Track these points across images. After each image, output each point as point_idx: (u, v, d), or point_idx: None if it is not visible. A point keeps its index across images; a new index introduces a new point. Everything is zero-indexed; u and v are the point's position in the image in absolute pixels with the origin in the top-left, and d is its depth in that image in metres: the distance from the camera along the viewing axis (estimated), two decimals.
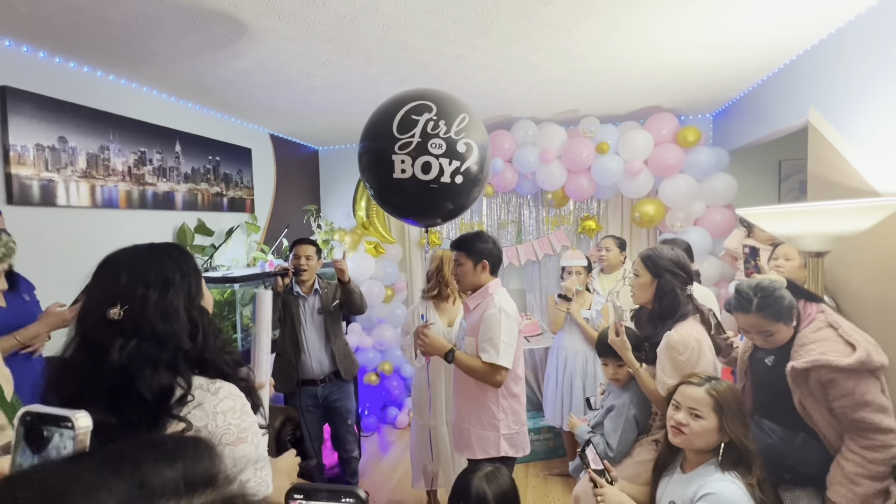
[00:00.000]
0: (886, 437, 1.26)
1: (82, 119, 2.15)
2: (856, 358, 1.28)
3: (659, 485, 1.38)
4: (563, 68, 2.40)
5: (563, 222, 3.73)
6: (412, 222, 1.91)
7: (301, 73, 2.36)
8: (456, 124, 1.65)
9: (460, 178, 1.66)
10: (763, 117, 2.75)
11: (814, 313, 1.44)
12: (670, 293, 1.60)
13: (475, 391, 1.81)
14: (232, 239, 3.06)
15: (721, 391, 1.25)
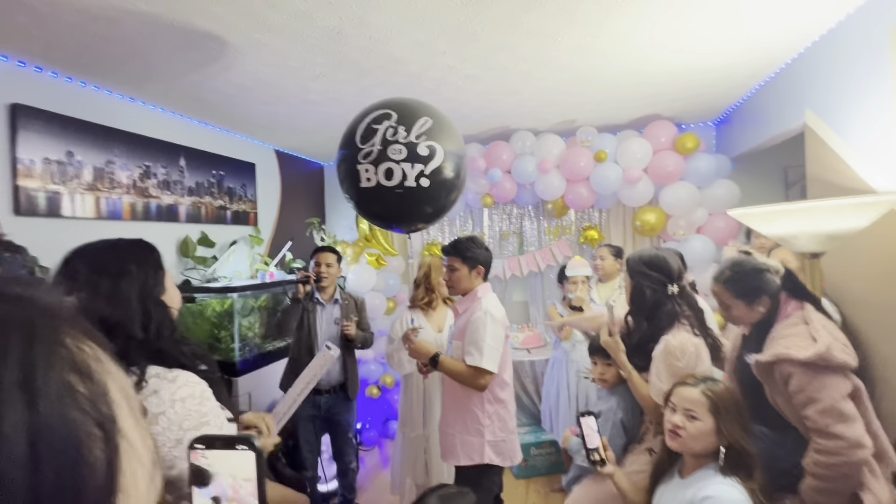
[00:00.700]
0: (831, 444, 1.20)
1: (89, 134, 2.25)
2: (814, 351, 1.23)
3: (656, 492, 1.32)
4: (553, 77, 2.42)
5: (565, 232, 3.70)
6: (397, 230, 1.93)
7: (297, 88, 2.44)
8: (416, 128, 1.70)
9: (426, 180, 1.69)
10: (762, 123, 2.72)
11: (791, 310, 1.39)
12: (639, 293, 1.59)
13: (461, 396, 1.80)
14: (235, 252, 3.12)
15: (717, 392, 1.21)
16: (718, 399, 1.20)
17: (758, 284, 1.44)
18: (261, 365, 2.80)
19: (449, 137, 1.79)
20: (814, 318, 1.34)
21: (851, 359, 1.27)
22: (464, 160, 1.87)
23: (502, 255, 3.84)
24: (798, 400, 1.26)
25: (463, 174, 1.85)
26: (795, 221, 1.56)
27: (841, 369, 1.25)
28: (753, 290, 1.44)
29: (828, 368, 1.24)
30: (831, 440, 1.20)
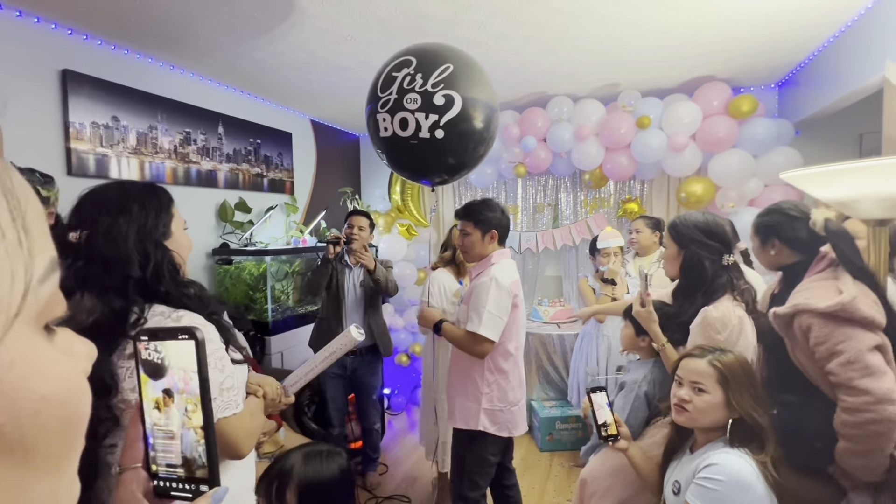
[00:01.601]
0: (857, 400, 1.10)
1: (133, 100, 2.36)
2: (837, 301, 1.14)
3: (668, 469, 1.26)
4: (592, 33, 2.26)
5: (603, 205, 3.53)
6: (424, 182, 1.90)
7: (326, 52, 2.43)
8: (434, 76, 1.59)
9: (441, 132, 1.60)
10: (833, 80, 2.42)
11: (823, 266, 1.27)
12: (697, 265, 1.45)
13: (465, 361, 1.80)
14: (271, 218, 3.22)
15: (726, 362, 1.12)
16: (727, 369, 1.12)
17: (773, 225, 1.40)
18: (293, 326, 2.91)
19: (473, 84, 1.66)
20: (845, 277, 1.22)
21: (880, 315, 1.15)
22: (493, 111, 1.74)
23: (536, 228, 3.73)
24: (820, 354, 1.16)
25: (491, 126, 1.73)
26: (858, 183, 1.37)
27: (866, 324, 1.14)
28: (767, 229, 1.42)
29: (851, 321, 1.14)
30: (857, 395, 1.10)
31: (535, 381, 3.19)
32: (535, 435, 3.05)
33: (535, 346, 3.18)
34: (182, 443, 0.43)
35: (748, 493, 1.00)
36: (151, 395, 0.44)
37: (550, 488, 2.56)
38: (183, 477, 0.44)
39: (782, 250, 1.40)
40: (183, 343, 0.43)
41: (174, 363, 0.44)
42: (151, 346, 0.44)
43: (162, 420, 0.44)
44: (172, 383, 0.44)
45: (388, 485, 2.64)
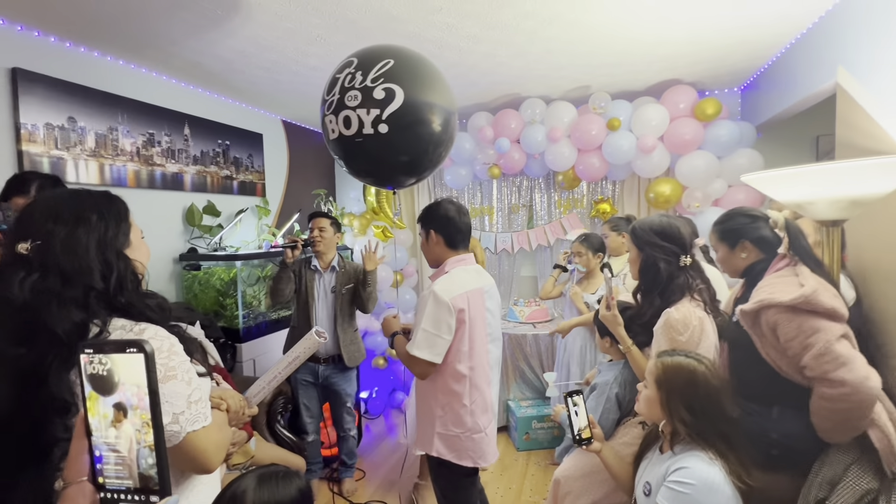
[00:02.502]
0: (834, 392, 1.13)
1: (91, 101, 2.26)
2: (800, 293, 1.18)
3: (639, 469, 1.29)
4: (561, 37, 2.28)
5: (576, 205, 3.58)
6: (388, 187, 1.86)
7: (295, 52, 2.38)
8: (374, 72, 1.54)
9: (384, 126, 1.54)
10: (791, 85, 2.52)
11: (783, 265, 1.32)
12: (652, 267, 1.49)
13: (421, 382, 1.64)
14: (242, 222, 3.14)
15: (666, 364, 1.18)
16: (665, 371, 1.17)
17: (738, 228, 1.45)
18: (266, 332, 2.85)
19: (417, 79, 1.58)
20: (804, 272, 1.27)
21: (842, 306, 1.20)
22: (441, 106, 1.64)
23: (511, 228, 3.76)
24: (793, 350, 1.20)
25: (441, 120, 1.64)
26: (813, 185, 1.43)
27: (830, 314, 1.18)
28: (734, 233, 1.45)
29: (815, 313, 1.18)
30: (834, 387, 1.14)
31: (511, 380, 3.22)
32: (513, 435, 3.08)
33: (511, 347, 3.20)
34: (134, 456, 0.43)
35: (717, 496, 1.04)
36: (101, 409, 0.43)
37: (527, 487, 2.58)
38: (132, 488, 0.44)
39: (752, 251, 1.44)
40: (132, 357, 0.43)
41: (125, 378, 0.43)
42: (96, 358, 0.43)
43: (112, 435, 0.43)
44: (125, 398, 0.43)
45: (366, 491, 2.61)
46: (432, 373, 1.56)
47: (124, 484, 0.44)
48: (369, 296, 2.46)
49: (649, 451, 1.30)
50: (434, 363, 1.51)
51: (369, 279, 2.42)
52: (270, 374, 1.44)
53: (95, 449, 0.44)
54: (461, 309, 1.53)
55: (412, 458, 2.49)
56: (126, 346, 0.43)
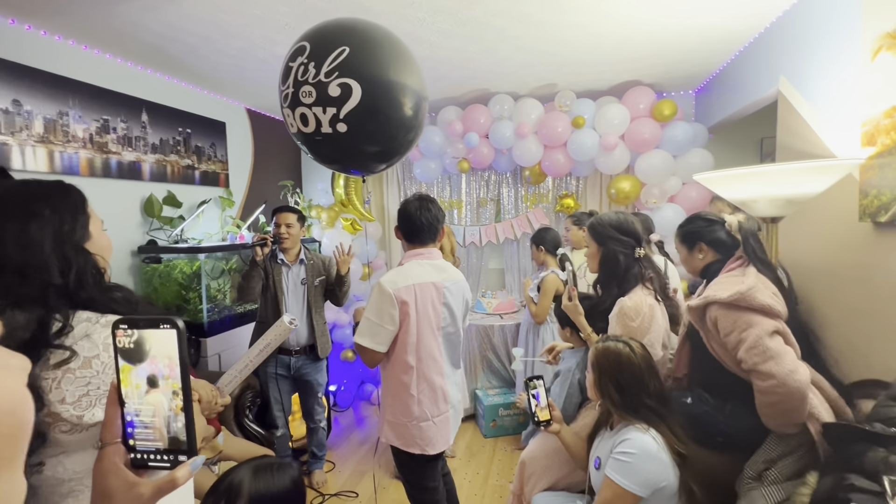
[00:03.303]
0: (764, 384, 1.23)
1: (38, 83, 2.12)
2: (736, 290, 1.29)
3: (592, 445, 1.39)
4: (530, 35, 2.35)
5: (542, 200, 3.70)
6: (354, 172, 1.75)
7: (263, 39, 2.32)
8: (327, 64, 1.39)
9: (343, 125, 1.42)
10: (738, 90, 2.70)
11: (735, 266, 1.44)
12: (612, 259, 1.60)
13: (381, 369, 1.68)
14: (204, 213, 3.04)
15: (599, 350, 1.32)
16: (598, 357, 1.32)
17: (696, 231, 1.55)
18: (231, 326, 2.79)
19: (377, 65, 1.43)
20: (751, 272, 1.37)
21: (779, 305, 1.30)
22: (405, 90, 1.51)
23: (479, 222, 3.83)
24: (730, 343, 1.31)
25: (405, 107, 1.51)
26: (755, 185, 1.57)
27: (764, 311, 1.28)
28: (692, 236, 1.56)
29: (750, 309, 1.28)
30: (763, 379, 1.24)
31: (479, 370, 3.30)
32: (480, 422, 3.17)
33: (479, 337, 3.28)
34: (164, 421, 0.47)
35: (655, 462, 1.17)
36: (134, 380, 0.47)
37: (494, 472, 2.68)
38: (162, 449, 0.48)
39: (708, 253, 1.55)
40: (165, 332, 0.47)
41: (157, 351, 0.47)
42: (129, 333, 0.47)
43: (143, 402, 0.47)
44: (157, 369, 0.47)
45: (336, 482, 2.63)
46: (380, 361, 1.59)
47: (154, 445, 0.48)
48: (345, 294, 2.52)
49: (601, 430, 1.41)
50: (378, 351, 1.54)
51: (345, 279, 2.45)
52: (242, 363, 1.44)
53: (127, 415, 0.48)
54: (405, 301, 1.53)
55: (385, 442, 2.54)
56: (159, 322, 0.47)
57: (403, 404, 1.60)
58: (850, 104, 1.67)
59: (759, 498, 1.27)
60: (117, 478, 0.46)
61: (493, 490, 2.51)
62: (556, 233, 2.81)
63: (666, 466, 1.17)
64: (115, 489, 0.46)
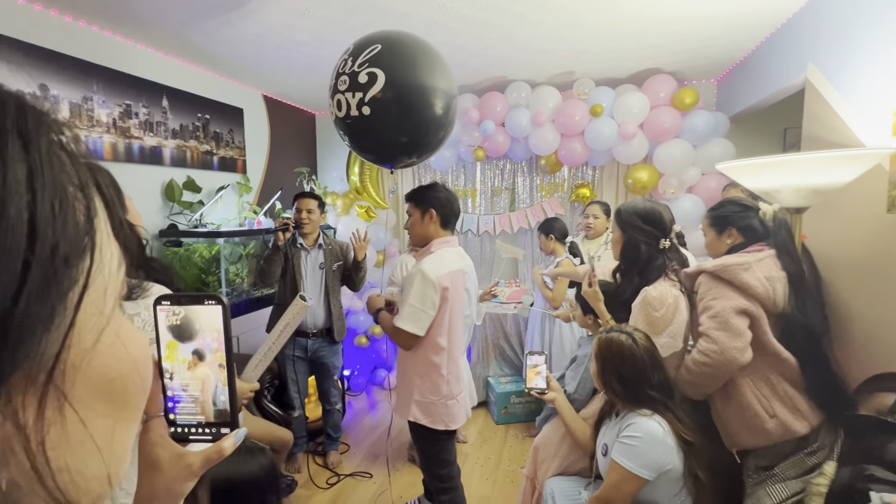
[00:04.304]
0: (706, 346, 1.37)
1: (64, 68, 2.16)
2: (720, 262, 1.41)
3: (599, 433, 1.41)
4: (550, 21, 2.31)
5: (558, 190, 3.67)
6: (387, 165, 1.88)
7: (282, 25, 2.33)
8: (362, 56, 1.61)
9: (367, 108, 1.60)
10: (763, 78, 2.63)
11: (752, 249, 1.46)
12: (634, 248, 1.59)
13: (403, 352, 1.76)
14: (223, 198, 3.09)
15: (602, 340, 1.34)
16: (601, 347, 1.34)
17: (729, 215, 1.54)
18: (249, 310, 2.85)
19: (403, 63, 1.62)
20: (758, 256, 1.40)
21: (762, 290, 1.34)
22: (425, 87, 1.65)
23: (493, 211, 3.82)
24: (699, 309, 1.39)
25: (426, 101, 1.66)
26: (780, 174, 1.55)
27: (742, 288, 1.33)
28: (724, 220, 1.55)
29: (729, 282, 1.34)
30: (708, 343, 1.33)
31: (491, 358, 3.33)
32: (492, 409, 3.20)
33: (492, 325, 3.30)
34: (210, 395, 0.48)
35: (660, 446, 1.19)
36: (180, 355, 0.48)
37: (506, 457, 2.72)
38: (204, 423, 0.49)
39: (737, 238, 1.54)
40: (210, 308, 0.47)
41: (201, 326, 0.47)
42: (173, 310, 0.47)
43: (188, 377, 0.48)
44: (202, 344, 0.47)
45: (350, 463, 2.69)
46: (415, 344, 1.67)
47: (196, 419, 0.49)
48: (361, 279, 2.57)
49: (607, 418, 1.42)
50: (418, 336, 1.63)
51: (362, 265, 2.49)
52: (265, 347, 1.48)
53: (172, 390, 0.48)
54: (445, 287, 1.64)
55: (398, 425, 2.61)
56: (204, 298, 0.47)
57: (433, 383, 1.70)
58: (883, 93, 1.63)
59: (765, 497, 1.28)
60: (165, 449, 0.47)
61: (505, 475, 2.55)
62: (563, 222, 2.87)
63: (671, 450, 1.19)
64: (163, 460, 0.47)
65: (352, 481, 2.52)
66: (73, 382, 0.22)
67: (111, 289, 0.24)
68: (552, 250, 2.81)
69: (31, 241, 0.20)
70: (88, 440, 0.23)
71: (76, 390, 0.22)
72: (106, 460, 0.24)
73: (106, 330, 0.24)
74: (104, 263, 0.23)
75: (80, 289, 0.22)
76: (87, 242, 0.22)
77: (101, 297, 0.23)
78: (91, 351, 0.23)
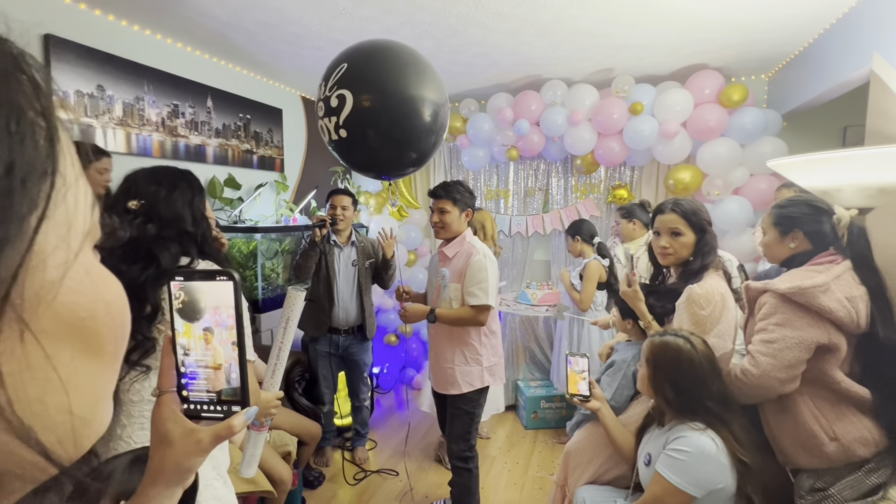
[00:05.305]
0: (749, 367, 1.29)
1: (119, 69, 2.29)
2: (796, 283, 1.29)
3: (642, 440, 1.34)
4: (589, 16, 2.25)
5: (593, 191, 3.57)
6: (384, 177, 1.92)
7: (320, 26, 2.38)
8: (331, 79, 1.59)
9: (343, 131, 1.59)
10: (821, 73, 2.46)
11: (824, 259, 1.33)
12: (710, 250, 1.50)
13: (458, 332, 1.95)
14: (261, 196, 3.19)
15: (655, 344, 1.24)
16: (654, 352, 1.25)
17: (797, 216, 1.39)
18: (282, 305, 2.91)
19: (369, 78, 1.55)
20: (834, 271, 1.25)
21: (845, 314, 1.19)
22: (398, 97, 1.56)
23: (526, 212, 3.76)
24: (758, 325, 1.28)
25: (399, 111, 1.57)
26: (841, 171, 1.42)
27: (821, 314, 1.19)
28: (790, 220, 1.40)
29: (801, 307, 1.21)
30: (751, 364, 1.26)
31: (521, 361, 3.26)
32: (521, 413, 3.14)
33: (521, 328, 3.24)
34: (221, 372, 0.48)
35: (711, 464, 1.09)
36: (196, 331, 0.48)
37: (534, 463, 2.65)
38: (215, 400, 0.49)
39: (802, 243, 1.39)
40: (221, 283, 0.47)
41: (214, 303, 0.47)
42: (186, 285, 0.47)
43: (199, 353, 0.48)
44: (215, 321, 0.48)
45: (377, 460, 2.70)
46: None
47: (208, 396, 0.49)
48: (390, 277, 2.59)
49: (652, 426, 1.34)
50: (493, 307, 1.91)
51: (391, 263, 2.51)
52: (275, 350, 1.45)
53: (188, 366, 0.48)
54: (495, 262, 2.00)
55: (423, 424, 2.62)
56: (216, 274, 0.47)
57: (494, 347, 2.00)
58: None
59: None
60: (176, 424, 0.47)
61: (533, 481, 2.48)
62: (591, 223, 2.80)
63: (724, 469, 1.09)
64: (174, 435, 0.47)
65: (378, 478, 2.52)
66: (36, 314, 0.21)
67: (79, 224, 0.23)
68: (580, 252, 2.73)
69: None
70: (54, 377, 0.22)
71: (42, 323, 0.22)
72: (73, 401, 0.24)
73: (74, 266, 0.23)
74: (69, 192, 0.23)
75: (40, 212, 0.21)
76: (48, 165, 0.22)
77: (66, 229, 0.23)
78: (57, 284, 0.22)
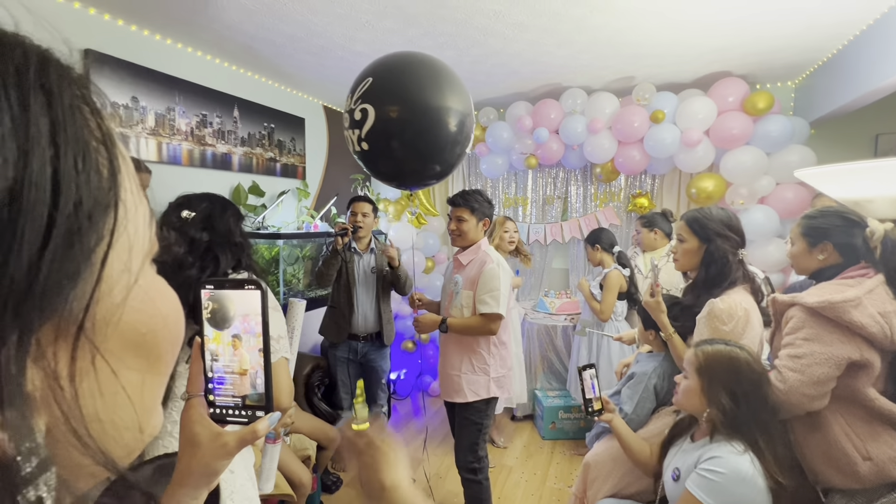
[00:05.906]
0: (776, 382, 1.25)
1: (152, 82, 2.38)
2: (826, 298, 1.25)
3: (668, 454, 1.30)
4: (610, 25, 2.25)
5: (613, 199, 3.53)
6: (406, 188, 2.00)
7: (343, 38, 2.43)
8: (357, 93, 1.66)
9: (365, 144, 1.67)
10: (852, 79, 2.40)
11: (855, 272, 1.28)
12: (720, 259, 1.46)
13: (467, 340, 1.95)
14: (283, 203, 3.26)
15: (708, 352, 1.18)
16: (706, 359, 1.18)
17: (827, 228, 1.34)
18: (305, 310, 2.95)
19: (392, 93, 1.60)
20: (866, 286, 1.20)
21: (877, 329, 1.13)
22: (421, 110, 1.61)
23: (545, 220, 3.75)
24: (786, 340, 1.23)
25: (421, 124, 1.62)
26: (873, 182, 1.38)
27: (851, 329, 1.14)
28: (820, 232, 1.34)
29: (831, 321, 1.16)
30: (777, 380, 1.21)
31: (539, 371, 3.24)
32: (538, 423, 3.10)
33: (540, 337, 3.21)
34: (246, 378, 0.50)
35: (746, 486, 1.04)
36: (224, 339, 0.50)
37: (552, 475, 2.62)
38: (240, 405, 0.50)
39: (832, 255, 1.35)
40: (250, 293, 0.49)
41: (241, 311, 0.49)
42: (216, 294, 0.49)
43: (226, 359, 0.50)
44: (242, 328, 0.49)
45: None
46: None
47: (234, 402, 0.50)
48: (405, 284, 2.59)
49: (679, 440, 1.31)
50: (504, 316, 1.89)
51: (399, 272, 2.52)
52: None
53: (216, 371, 0.50)
54: (509, 271, 1.98)
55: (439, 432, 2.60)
56: (245, 283, 0.49)
57: (503, 358, 1.97)
58: None
59: None
60: (203, 427, 0.48)
61: (551, 493, 2.45)
62: (610, 232, 2.77)
63: (760, 491, 1.04)
64: (201, 438, 0.48)
65: None
66: (104, 336, 0.23)
67: (138, 246, 0.24)
68: (599, 261, 2.71)
69: (54, 197, 0.20)
70: (120, 392, 0.24)
71: (108, 344, 0.23)
72: (138, 412, 0.25)
73: (135, 286, 0.24)
74: (129, 220, 0.24)
75: (106, 245, 0.22)
76: (112, 198, 0.22)
77: (127, 254, 0.23)
78: (121, 306, 0.23)
